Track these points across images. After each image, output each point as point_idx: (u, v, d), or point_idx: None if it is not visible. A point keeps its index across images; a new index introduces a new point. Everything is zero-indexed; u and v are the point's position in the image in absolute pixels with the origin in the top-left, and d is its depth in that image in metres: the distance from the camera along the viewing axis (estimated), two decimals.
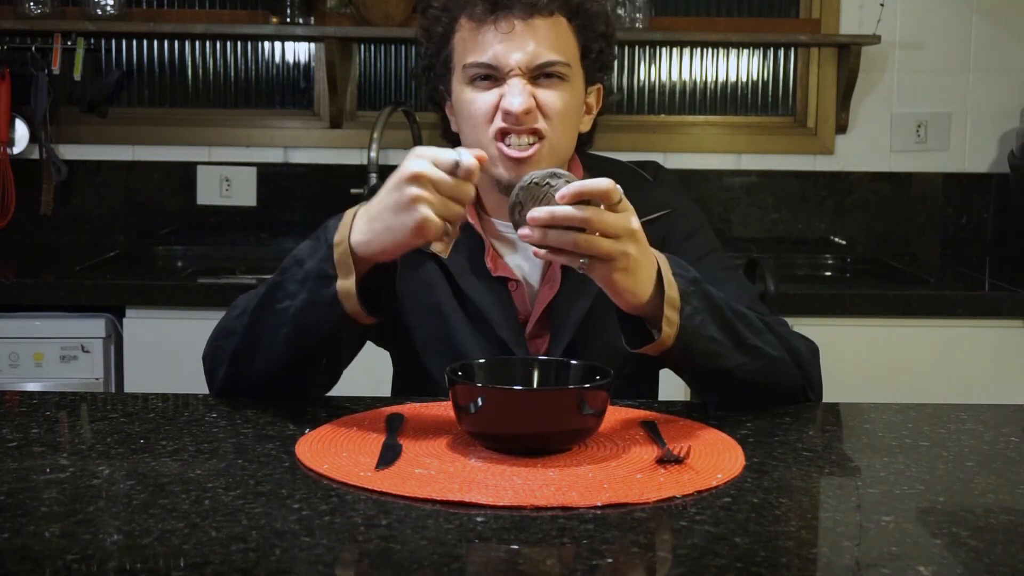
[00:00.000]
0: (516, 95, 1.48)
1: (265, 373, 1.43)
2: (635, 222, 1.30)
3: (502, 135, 1.51)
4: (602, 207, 1.27)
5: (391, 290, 1.40)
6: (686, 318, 1.35)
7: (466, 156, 1.28)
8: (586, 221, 1.25)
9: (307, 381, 1.46)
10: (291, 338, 1.38)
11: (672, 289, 1.34)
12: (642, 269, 1.32)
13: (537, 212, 1.25)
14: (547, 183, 1.27)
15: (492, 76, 1.51)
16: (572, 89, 1.54)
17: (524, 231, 1.27)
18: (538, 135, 1.51)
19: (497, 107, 1.50)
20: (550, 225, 1.25)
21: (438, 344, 1.56)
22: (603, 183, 1.26)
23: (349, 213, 1.35)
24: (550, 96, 1.51)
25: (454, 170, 1.27)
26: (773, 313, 1.60)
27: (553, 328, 1.56)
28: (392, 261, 1.36)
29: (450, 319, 1.56)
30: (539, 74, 1.51)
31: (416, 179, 1.27)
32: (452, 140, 1.63)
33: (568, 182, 1.26)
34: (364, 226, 1.32)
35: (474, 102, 1.52)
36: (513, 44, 1.49)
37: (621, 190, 1.28)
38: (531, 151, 1.50)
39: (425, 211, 1.26)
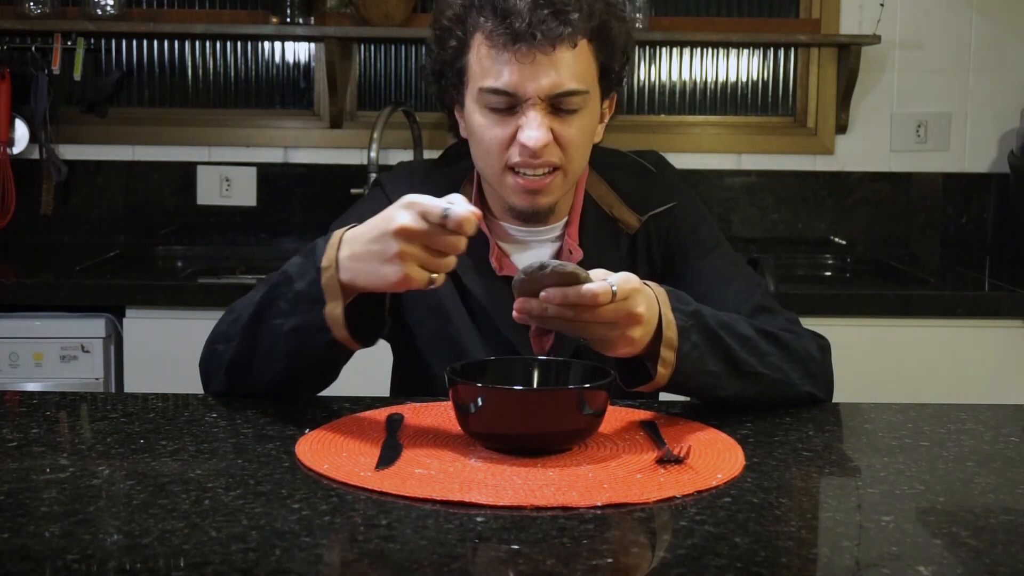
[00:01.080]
0: (534, 129, 1.45)
1: (261, 384, 1.43)
2: (639, 307, 1.27)
3: (517, 167, 1.49)
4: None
5: (381, 318, 1.39)
6: (682, 357, 1.34)
7: (458, 208, 1.22)
8: (579, 317, 1.25)
9: (303, 388, 1.46)
10: (287, 355, 1.38)
11: (670, 329, 1.33)
12: (643, 341, 1.31)
13: (529, 304, 1.25)
14: (556, 272, 1.24)
15: (508, 104, 1.47)
16: (590, 115, 1.51)
17: (519, 314, 1.26)
18: (554, 167, 1.49)
19: (512, 138, 1.47)
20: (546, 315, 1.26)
21: (441, 342, 1.56)
22: (590, 293, 1.23)
23: (337, 235, 1.33)
24: (568, 129, 1.48)
25: (444, 222, 1.22)
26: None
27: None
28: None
29: (453, 318, 1.56)
30: (557, 104, 1.47)
31: (402, 233, 1.23)
32: (462, 141, 1.61)
33: (575, 276, 1.23)
34: (349, 263, 1.30)
35: (489, 130, 1.48)
36: (533, 72, 1.44)
37: (612, 287, 1.24)
38: (546, 180, 1.49)
39: (407, 268, 1.24)
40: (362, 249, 1.28)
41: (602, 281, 1.25)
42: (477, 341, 1.55)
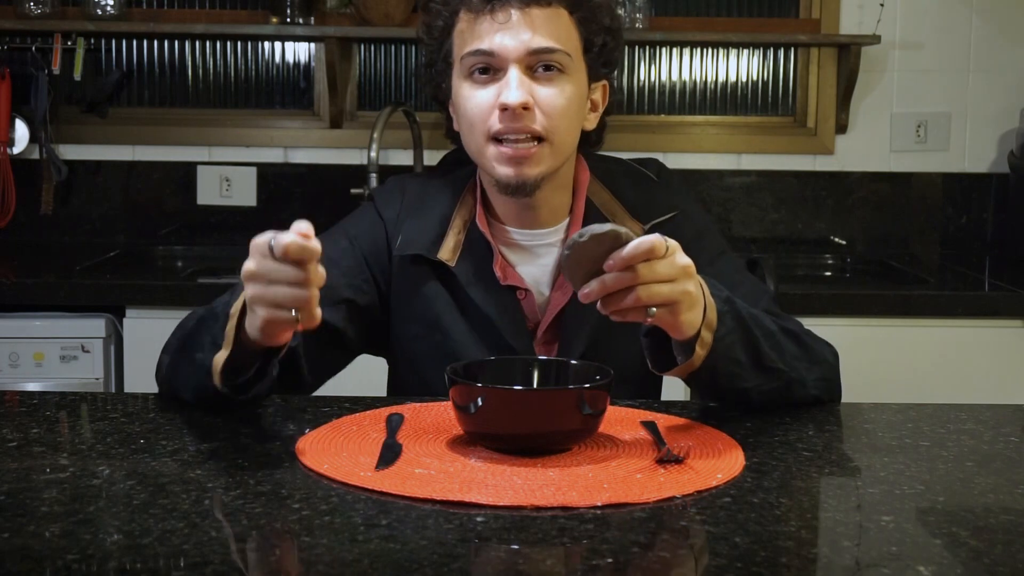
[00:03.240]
0: (513, 88, 1.47)
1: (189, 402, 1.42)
2: (685, 258, 1.28)
3: (499, 136, 1.49)
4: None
5: (263, 374, 1.34)
6: (719, 339, 1.34)
7: (282, 235, 1.15)
8: (637, 278, 1.24)
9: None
10: (196, 389, 1.38)
11: (711, 311, 1.33)
12: (700, 301, 1.32)
13: (587, 289, 1.24)
14: (596, 236, 1.23)
15: (490, 67, 1.49)
16: (573, 83, 1.51)
17: (584, 296, 1.26)
18: (537, 137, 1.49)
19: (494, 105, 1.48)
20: (607, 293, 1.25)
21: (438, 355, 1.53)
22: (646, 243, 1.22)
23: None
24: (549, 93, 1.49)
25: (273, 254, 1.17)
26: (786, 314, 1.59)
27: (564, 335, 1.54)
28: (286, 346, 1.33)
29: (451, 330, 1.55)
30: (537, 65, 1.49)
31: (247, 277, 1.21)
32: (454, 139, 1.61)
33: (616, 235, 1.23)
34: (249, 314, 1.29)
35: (472, 98, 1.50)
36: (510, 32, 1.48)
37: (665, 241, 1.25)
38: (531, 150, 1.48)
39: (261, 312, 1.22)
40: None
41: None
42: (477, 352, 1.53)
